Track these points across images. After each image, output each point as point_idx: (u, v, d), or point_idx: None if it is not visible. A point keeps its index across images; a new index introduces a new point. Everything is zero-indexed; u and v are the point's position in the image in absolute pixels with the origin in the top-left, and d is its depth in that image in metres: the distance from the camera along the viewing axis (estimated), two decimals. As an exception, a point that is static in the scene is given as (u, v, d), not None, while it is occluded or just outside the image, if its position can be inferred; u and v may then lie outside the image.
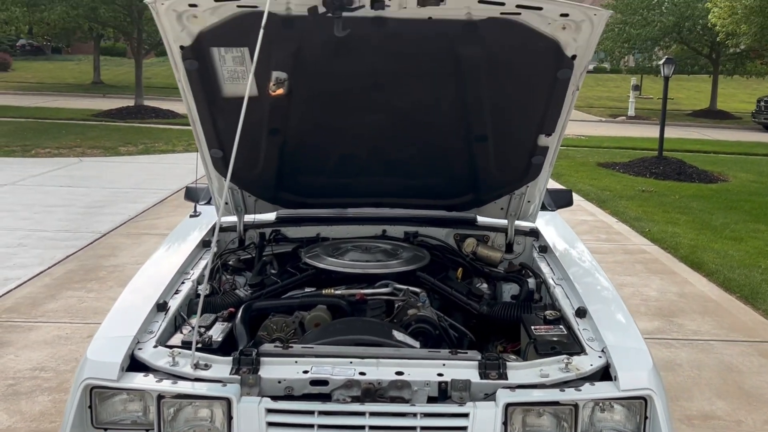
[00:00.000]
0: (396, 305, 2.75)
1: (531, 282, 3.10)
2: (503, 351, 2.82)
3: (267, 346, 2.34)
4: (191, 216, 3.79)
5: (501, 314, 2.82)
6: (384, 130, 3.02)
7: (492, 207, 3.42)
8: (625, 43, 25.51)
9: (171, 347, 2.34)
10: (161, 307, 2.60)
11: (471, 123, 2.94)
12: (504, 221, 3.49)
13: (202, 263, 3.13)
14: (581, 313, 2.61)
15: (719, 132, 22.20)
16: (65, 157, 13.12)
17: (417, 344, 2.45)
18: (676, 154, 14.81)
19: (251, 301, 2.73)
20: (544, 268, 3.16)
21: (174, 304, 2.69)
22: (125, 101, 21.00)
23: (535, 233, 3.54)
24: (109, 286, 6.38)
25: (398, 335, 2.43)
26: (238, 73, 2.67)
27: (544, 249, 3.37)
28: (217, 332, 2.53)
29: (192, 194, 4.12)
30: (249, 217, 3.49)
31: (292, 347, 2.32)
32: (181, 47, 2.59)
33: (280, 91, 2.71)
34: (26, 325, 5.24)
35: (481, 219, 3.58)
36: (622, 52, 26.67)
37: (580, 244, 3.48)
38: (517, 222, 3.46)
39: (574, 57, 2.62)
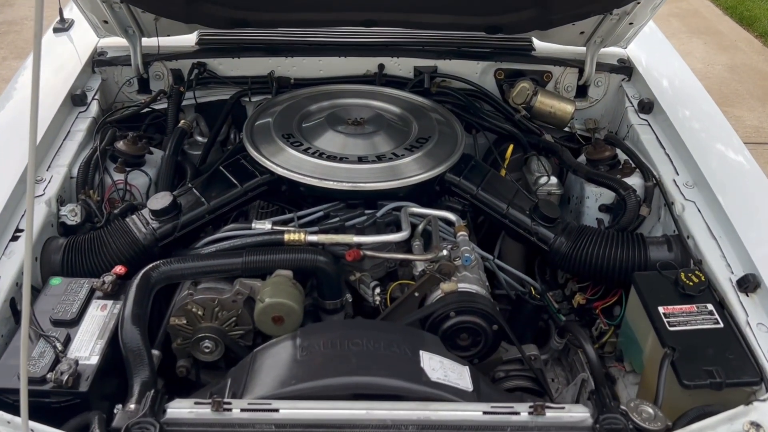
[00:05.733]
0: (418, 269, 1.54)
1: (637, 185, 1.84)
2: (584, 303, 1.74)
3: (180, 406, 1.18)
4: (55, 30, 2.28)
5: (593, 261, 1.64)
6: None
7: (564, 31, 2.03)
8: None
9: None
10: None
11: None
12: (579, 49, 2.13)
13: (70, 149, 1.81)
14: (749, 285, 1.46)
15: None
16: None
17: (468, 381, 1.30)
18: None
19: (154, 264, 1.47)
20: (655, 154, 1.89)
21: (5, 270, 1.45)
22: None
23: (626, 69, 2.19)
24: (2, 57, 4.91)
25: (431, 367, 1.27)
26: None
27: (649, 107, 2.05)
28: (87, 340, 1.34)
29: None
30: (149, 42, 2.07)
31: (230, 405, 1.17)
32: None
33: None
34: None
35: (539, 45, 2.20)
36: None
37: (706, 95, 2.13)
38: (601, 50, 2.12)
39: None
